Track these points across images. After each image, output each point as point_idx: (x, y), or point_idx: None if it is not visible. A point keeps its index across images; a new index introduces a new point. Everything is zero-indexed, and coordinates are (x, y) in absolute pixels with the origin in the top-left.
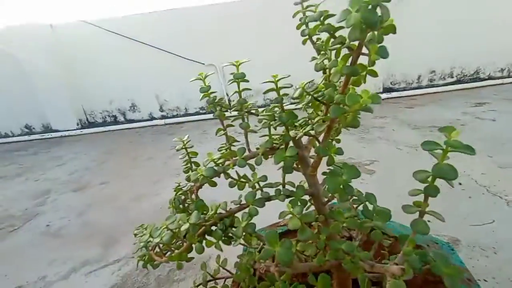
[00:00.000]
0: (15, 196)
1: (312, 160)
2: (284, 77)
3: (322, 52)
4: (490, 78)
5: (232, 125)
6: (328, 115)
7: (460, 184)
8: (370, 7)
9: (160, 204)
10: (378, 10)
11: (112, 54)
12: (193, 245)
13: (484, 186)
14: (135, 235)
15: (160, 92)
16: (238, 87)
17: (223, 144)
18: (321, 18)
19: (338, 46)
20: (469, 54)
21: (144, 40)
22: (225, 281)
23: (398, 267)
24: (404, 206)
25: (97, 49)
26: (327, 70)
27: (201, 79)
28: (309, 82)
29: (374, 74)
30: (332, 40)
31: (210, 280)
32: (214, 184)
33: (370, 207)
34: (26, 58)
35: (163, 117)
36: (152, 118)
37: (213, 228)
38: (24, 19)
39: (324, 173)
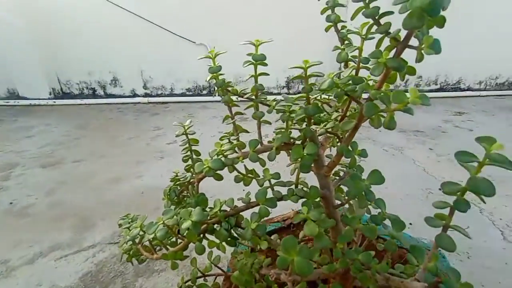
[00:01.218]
0: None
1: (327, 160)
2: (315, 64)
3: (346, 42)
4: (469, 89)
5: (241, 113)
6: (355, 111)
7: (440, 189)
8: None
9: (142, 188)
10: None
11: (95, 20)
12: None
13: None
14: (120, 225)
15: (146, 68)
16: (255, 71)
17: (226, 133)
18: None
19: (381, 35)
20: (454, 64)
21: (132, 10)
22: (215, 278)
23: (422, 284)
24: (427, 219)
25: (80, 13)
26: (349, 62)
27: (210, 58)
28: (338, 73)
29: (412, 71)
30: (374, 27)
31: (199, 277)
32: (220, 178)
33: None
34: None
35: (146, 95)
36: (135, 95)
37: (216, 226)
38: None
39: (336, 174)
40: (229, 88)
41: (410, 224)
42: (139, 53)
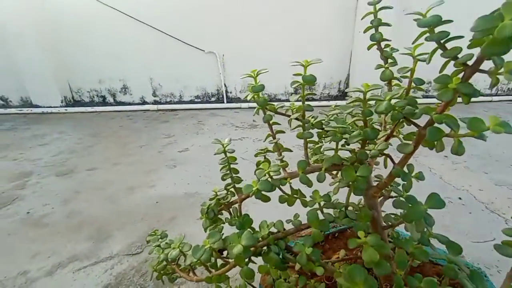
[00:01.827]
0: None
1: (374, 180)
2: (377, 88)
3: (390, 61)
4: (479, 94)
5: (282, 131)
6: (400, 131)
7: (460, 198)
8: None
9: (156, 197)
10: None
11: (106, 29)
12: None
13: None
14: (148, 241)
15: (155, 76)
16: (303, 91)
17: (261, 150)
18: (434, 24)
19: (447, 59)
20: None
21: (142, 19)
22: None
23: None
24: (497, 247)
25: (90, 22)
26: (392, 81)
27: (252, 76)
28: (394, 94)
29: (479, 94)
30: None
31: None
32: (267, 199)
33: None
34: (7, 21)
35: (155, 103)
36: (144, 103)
37: (264, 249)
38: None
39: (390, 197)
40: (268, 106)
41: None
42: (149, 61)
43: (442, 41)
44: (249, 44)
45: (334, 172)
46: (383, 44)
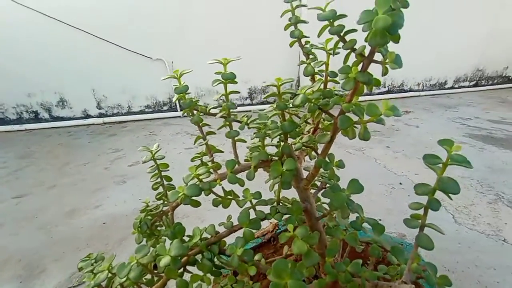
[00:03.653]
0: None
1: (304, 173)
2: (288, 81)
3: (311, 57)
4: (411, 90)
5: (213, 133)
6: (324, 122)
7: (400, 184)
8: (395, 11)
9: (103, 218)
10: None
11: (38, 37)
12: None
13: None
14: (80, 268)
15: (98, 87)
16: (225, 89)
17: (197, 154)
18: (332, 18)
19: (348, 50)
20: (397, 69)
21: (81, 26)
22: None
23: (410, 286)
24: (406, 221)
25: (11, 27)
26: (315, 76)
27: (175, 77)
28: (310, 87)
29: (378, 83)
30: (340, 44)
31: None
32: (197, 204)
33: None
34: None
35: (101, 115)
36: (87, 116)
37: (197, 256)
38: None
39: (313, 185)
40: (198, 108)
41: (380, 220)
42: (89, 71)
43: (341, 34)
44: (198, 49)
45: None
46: (303, 40)
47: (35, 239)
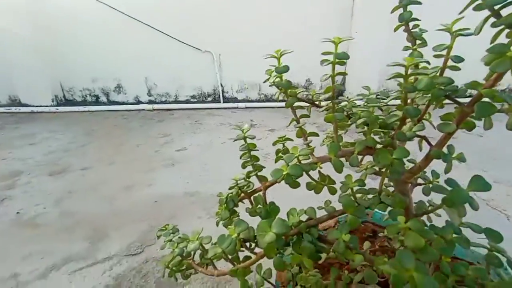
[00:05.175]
0: None
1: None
2: (420, 61)
3: (419, 42)
4: None
5: (307, 115)
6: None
7: None
8: None
9: (155, 197)
10: None
11: (101, 26)
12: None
13: None
14: (158, 236)
15: (150, 75)
16: (333, 71)
17: (280, 137)
18: None
19: (501, 28)
20: None
21: (138, 17)
22: None
23: None
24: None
25: (82, 19)
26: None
27: (275, 57)
28: (434, 71)
29: None
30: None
31: None
32: (297, 185)
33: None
34: None
35: (150, 102)
36: (139, 102)
37: (294, 238)
38: None
39: (418, 184)
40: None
41: None
42: (144, 60)
43: (496, 8)
44: (246, 43)
45: (360, 158)
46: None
47: (99, 207)
